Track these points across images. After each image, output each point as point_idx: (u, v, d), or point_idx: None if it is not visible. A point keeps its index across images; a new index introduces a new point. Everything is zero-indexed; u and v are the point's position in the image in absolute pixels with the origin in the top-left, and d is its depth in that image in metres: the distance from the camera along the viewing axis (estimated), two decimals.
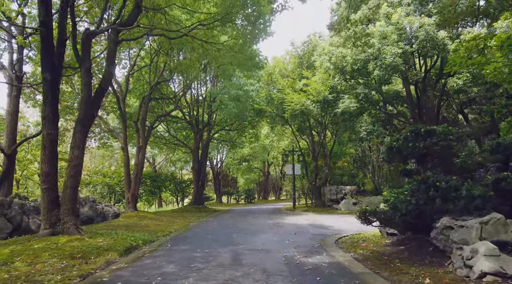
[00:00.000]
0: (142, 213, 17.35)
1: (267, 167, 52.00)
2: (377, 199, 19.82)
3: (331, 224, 13.27)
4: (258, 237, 10.13)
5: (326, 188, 22.44)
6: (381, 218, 6.78)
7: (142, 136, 18.34)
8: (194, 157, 24.84)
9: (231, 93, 16.47)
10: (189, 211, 22.73)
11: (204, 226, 13.82)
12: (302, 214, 19.46)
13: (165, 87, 24.31)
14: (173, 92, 24.43)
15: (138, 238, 9.61)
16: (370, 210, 7.16)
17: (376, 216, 6.84)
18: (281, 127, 31.31)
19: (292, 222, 14.37)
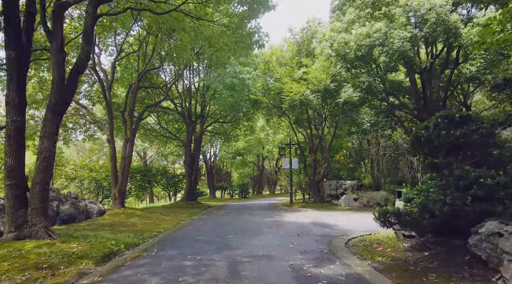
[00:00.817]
0: (130, 210, 16.14)
1: (262, 161, 50.93)
2: (379, 194, 18.85)
3: (335, 223, 12.21)
4: (257, 239, 9.01)
5: (325, 183, 21.41)
6: (406, 221, 5.68)
7: (129, 128, 17.04)
8: (186, 151, 23.61)
9: (226, 82, 15.24)
10: (181, 207, 21.57)
11: (197, 224, 12.67)
12: (301, 210, 18.41)
13: (156, 77, 22.98)
14: (164, 82, 23.12)
15: (120, 241, 8.43)
16: (392, 210, 6.04)
17: (400, 218, 5.73)
18: (277, 120, 30.19)
19: (292, 220, 13.29)
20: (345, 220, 13.02)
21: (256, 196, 45.51)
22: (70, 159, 23.57)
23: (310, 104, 18.07)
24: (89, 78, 19.95)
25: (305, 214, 15.86)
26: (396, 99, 19.92)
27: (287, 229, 10.72)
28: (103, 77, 17.29)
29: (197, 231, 10.76)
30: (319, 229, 10.59)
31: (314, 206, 20.24)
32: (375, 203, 18.67)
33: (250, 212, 17.55)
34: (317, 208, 19.25)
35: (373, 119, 15.97)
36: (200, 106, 23.69)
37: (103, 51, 19.75)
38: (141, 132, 26.82)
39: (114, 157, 16.51)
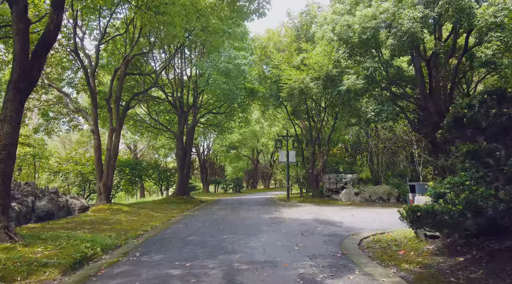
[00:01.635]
0: (116, 206, 14.92)
1: (257, 155, 49.86)
2: (381, 188, 17.88)
3: (339, 219, 11.16)
4: (256, 239, 7.90)
5: (325, 176, 20.38)
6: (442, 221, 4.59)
7: (116, 117, 15.76)
8: (178, 143, 22.38)
9: (220, 67, 14.01)
10: (173, 202, 20.39)
11: (188, 222, 11.52)
12: (300, 205, 17.36)
13: (145, 65, 21.64)
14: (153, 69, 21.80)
15: (98, 242, 7.26)
16: (425, 208, 4.94)
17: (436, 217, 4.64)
18: (273, 112, 29.07)
19: (292, 217, 12.21)
20: (349, 216, 11.98)
21: (251, 191, 44.46)
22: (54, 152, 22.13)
23: (310, 93, 16.92)
24: (73, 64, 18.58)
25: (305, 210, 14.80)
26: (399, 88, 18.88)
27: (289, 227, 9.63)
28: (86, 62, 15.95)
29: (188, 230, 9.62)
30: (324, 227, 9.51)
31: (313, 201, 19.21)
32: (377, 198, 17.71)
33: (246, 208, 16.46)
34: (317, 203, 18.22)
35: (377, 107, 14.87)
36: (192, 95, 22.43)
37: (88, 35, 18.43)
38: (130, 123, 25.53)
39: (98, 149, 15.26)
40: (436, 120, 17.08)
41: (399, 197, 17.23)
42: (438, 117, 17.09)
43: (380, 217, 11.71)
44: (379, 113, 14.90)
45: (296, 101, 18.05)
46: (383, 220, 10.98)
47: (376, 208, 15.14)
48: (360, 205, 16.51)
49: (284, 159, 23.20)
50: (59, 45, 17.87)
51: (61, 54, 18.24)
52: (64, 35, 17.20)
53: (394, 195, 17.23)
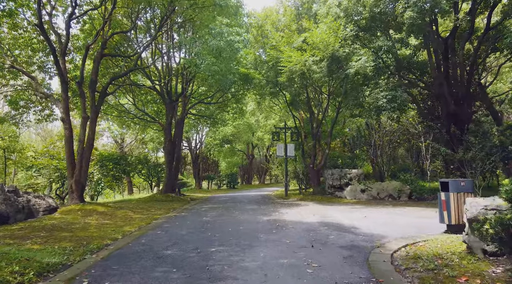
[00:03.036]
0: (90, 206, 12.92)
1: (252, 149, 47.97)
2: (391, 185, 16.07)
3: (352, 222, 9.31)
4: (253, 254, 6.00)
5: (327, 172, 18.53)
6: None
7: (91, 104, 13.71)
8: (166, 136, 20.36)
9: (210, 44, 12.03)
10: (160, 200, 18.45)
11: (171, 226, 9.59)
12: (301, 204, 15.50)
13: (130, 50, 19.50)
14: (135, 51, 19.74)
15: (37, 262, 5.32)
16: None
17: None
18: (269, 102, 27.13)
19: (295, 219, 10.32)
20: (362, 219, 10.13)
21: (246, 187, 42.61)
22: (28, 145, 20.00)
23: (312, 78, 14.99)
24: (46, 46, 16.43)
25: (307, 210, 12.94)
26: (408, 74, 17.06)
27: (293, 235, 7.74)
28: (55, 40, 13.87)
29: (168, 239, 7.69)
30: (337, 235, 7.63)
31: (314, 199, 17.37)
32: (386, 195, 15.90)
33: (240, 207, 14.56)
34: (319, 201, 16.38)
35: (390, 94, 13.01)
36: (181, 83, 20.40)
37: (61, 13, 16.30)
38: (115, 114, 23.43)
39: (70, 140, 13.24)
40: (452, 109, 15.30)
41: (411, 195, 15.43)
42: (454, 105, 15.30)
43: (398, 219, 9.89)
44: (391, 100, 13.03)
45: (296, 87, 16.13)
46: (404, 223, 9.16)
47: (388, 207, 13.34)
48: (368, 204, 14.70)
49: (282, 153, 21.32)
50: (28, 24, 15.76)
51: (30, 34, 16.11)
52: (34, 13, 15.09)
53: (406, 192, 15.43)
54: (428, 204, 13.74)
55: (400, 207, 13.04)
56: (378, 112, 13.77)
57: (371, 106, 13.89)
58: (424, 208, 12.73)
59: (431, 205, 13.45)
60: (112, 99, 22.69)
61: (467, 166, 14.00)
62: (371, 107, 13.83)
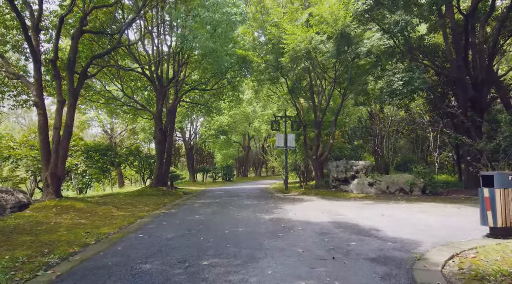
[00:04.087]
0: (67, 202, 11.38)
1: (248, 141, 46.50)
2: (402, 177, 14.68)
3: (371, 223, 7.91)
4: (258, 271, 4.56)
5: (332, 164, 17.11)
6: None
7: (69, 86, 12.08)
8: (156, 124, 18.78)
9: (203, 17, 10.43)
10: (150, 194, 16.98)
11: (156, 228, 8.12)
12: (304, 199, 14.11)
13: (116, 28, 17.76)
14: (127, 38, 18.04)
15: None
16: None
17: None
18: (267, 91, 25.58)
19: (302, 218, 8.90)
20: (380, 217, 8.75)
21: (242, 179, 41.24)
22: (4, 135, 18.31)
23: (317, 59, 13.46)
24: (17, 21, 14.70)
25: (313, 206, 11.54)
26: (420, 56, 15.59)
27: (304, 240, 6.31)
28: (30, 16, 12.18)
29: (151, 245, 6.22)
30: (359, 240, 6.22)
31: (318, 193, 15.98)
32: (397, 189, 14.55)
33: (237, 203, 13.13)
34: (324, 196, 15.01)
35: (406, 75, 11.53)
36: (172, 67, 18.77)
37: None
38: (103, 102, 21.77)
39: (44, 127, 11.65)
40: (471, 95, 13.88)
41: (425, 189, 14.09)
42: (474, 91, 13.88)
43: (422, 218, 8.50)
44: (408, 82, 11.55)
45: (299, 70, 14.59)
46: (430, 223, 7.79)
47: (401, 203, 11.99)
48: (378, 199, 13.34)
49: (282, 143, 19.87)
50: None
51: (3, 9, 14.38)
52: None
53: (419, 186, 14.08)
54: (444, 200, 12.41)
55: (416, 203, 11.68)
56: (392, 97, 12.30)
57: (383, 90, 12.41)
58: (442, 204, 11.39)
59: (449, 200, 12.13)
60: (99, 85, 21.03)
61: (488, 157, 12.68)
62: (384, 91, 12.34)
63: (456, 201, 12.00)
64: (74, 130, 29.12)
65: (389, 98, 12.30)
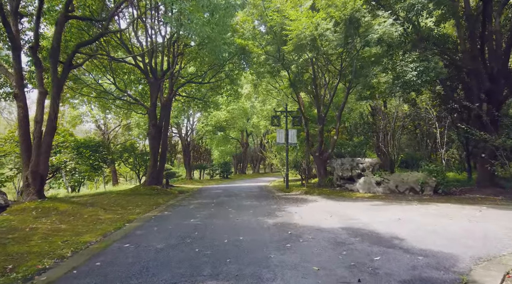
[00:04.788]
0: (50, 203, 10.35)
1: (246, 137, 45.52)
2: (412, 176, 13.76)
3: (388, 229, 6.96)
4: None
5: (336, 161, 16.17)
6: None
7: (52, 76, 11.02)
8: (150, 119, 17.73)
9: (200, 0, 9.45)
10: (142, 194, 15.99)
11: (145, 235, 7.13)
12: (308, 199, 13.16)
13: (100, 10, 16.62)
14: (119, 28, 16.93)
15: None
16: None
17: None
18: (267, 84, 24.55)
19: (309, 222, 7.93)
20: (396, 222, 7.81)
21: (240, 177, 40.32)
22: None
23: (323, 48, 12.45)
24: None
25: (320, 208, 10.58)
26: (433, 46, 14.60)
27: (318, 253, 5.35)
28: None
29: (136, 260, 5.23)
30: (383, 254, 5.25)
31: (322, 193, 15.03)
32: (407, 189, 13.62)
33: (236, 204, 12.15)
34: (328, 196, 14.06)
35: (421, 64, 10.55)
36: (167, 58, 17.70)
37: None
38: (94, 96, 20.70)
39: (24, 121, 10.63)
40: (488, 87, 12.92)
41: (437, 188, 13.17)
42: (490, 83, 12.93)
43: (446, 223, 7.56)
44: (423, 73, 10.57)
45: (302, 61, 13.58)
46: (458, 230, 6.86)
47: (413, 204, 11.07)
48: (387, 199, 12.40)
49: (282, 140, 18.88)
50: None
51: None
52: None
53: (431, 185, 13.15)
54: (459, 200, 11.50)
55: (430, 205, 10.76)
56: (404, 89, 11.31)
57: (394, 82, 11.42)
58: (459, 205, 10.48)
59: (465, 201, 11.22)
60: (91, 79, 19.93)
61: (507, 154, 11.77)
62: (395, 83, 11.35)
63: (473, 202, 11.10)
64: (65, 125, 28.06)
65: (401, 90, 11.31)
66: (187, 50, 18.54)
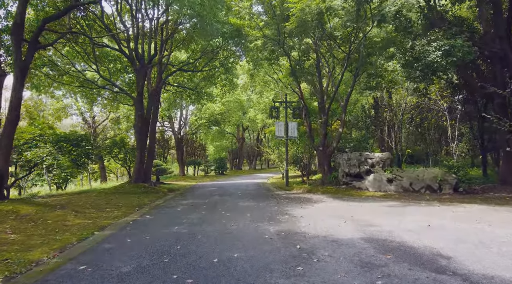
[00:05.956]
0: (10, 205, 8.74)
1: (242, 132, 43.93)
2: (429, 173, 12.30)
3: (425, 241, 5.47)
4: None
5: (342, 156, 14.66)
6: None
7: (15, 57, 9.36)
8: (136, 110, 16.09)
9: None
10: (127, 193, 14.43)
11: (111, 251, 5.56)
12: (312, 199, 11.64)
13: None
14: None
15: None
16: None
17: None
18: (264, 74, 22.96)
19: (321, 231, 6.39)
20: (427, 229, 6.35)
21: (235, 173, 38.80)
22: None
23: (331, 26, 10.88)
24: None
25: (329, 210, 9.07)
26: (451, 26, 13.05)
27: (343, 282, 3.81)
28: None
29: None
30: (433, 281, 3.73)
31: (326, 191, 13.52)
32: (422, 187, 12.16)
33: (231, 205, 10.60)
34: (335, 195, 12.56)
35: (447, 43, 9.03)
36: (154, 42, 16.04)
37: None
38: (77, 85, 18.97)
39: None
40: None
41: (457, 186, 11.71)
42: None
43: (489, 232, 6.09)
44: (449, 53, 9.04)
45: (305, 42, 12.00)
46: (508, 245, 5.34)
47: (434, 204, 9.64)
48: (402, 199, 10.92)
49: (282, 133, 17.35)
50: None
51: None
52: None
53: (450, 182, 11.69)
54: (486, 200, 10.05)
55: (456, 206, 9.31)
56: (426, 73, 9.75)
57: (414, 64, 9.88)
58: (489, 207, 9.05)
59: (493, 202, 9.79)
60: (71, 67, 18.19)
61: None
62: (415, 66, 9.81)
63: (503, 203, 9.66)
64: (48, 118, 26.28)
65: (421, 74, 9.76)
66: (177, 35, 16.89)
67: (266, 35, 14.21)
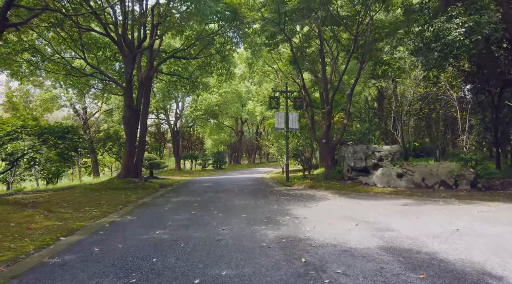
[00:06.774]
0: None
1: (241, 125, 42.77)
2: (444, 167, 11.28)
3: (459, 251, 4.41)
4: None
5: (347, 149, 13.55)
6: None
7: None
8: (125, 99, 14.94)
9: None
10: (115, 188, 13.36)
11: (69, 267, 4.45)
12: (316, 196, 10.55)
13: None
14: None
15: None
16: None
17: None
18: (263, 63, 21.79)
19: (330, 240, 5.29)
20: (455, 235, 5.29)
21: (234, 167, 37.72)
22: None
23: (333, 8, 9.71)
24: None
25: (336, 209, 7.97)
26: None
27: None
28: None
29: None
30: None
31: (331, 187, 12.41)
32: (436, 183, 11.08)
33: (226, 203, 9.50)
34: (340, 191, 11.47)
35: (470, 19, 7.87)
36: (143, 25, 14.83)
37: None
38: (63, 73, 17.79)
39: None
40: None
41: (475, 182, 10.63)
42: None
43: None
44: (472, 30, 7.88)
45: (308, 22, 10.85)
46: None
47: (453, 202, 8.58)
48: (415, 196, 9.83)
49: (282, 125, 16.21)
50: None
51: None
52: None
53: (468, 178, 10.61)
54: (510, 197, 9.00)
55: (477, 204, 8.24)
56: (445, 53, 8.59)
57: (431, 45, 8.72)
58: None
59: None
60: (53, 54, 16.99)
61: None
62: (433, 46, 8.66)
63: None
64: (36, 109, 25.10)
65: (440, 55, 8.60)
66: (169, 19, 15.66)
67: (265, 17, 13.03)
